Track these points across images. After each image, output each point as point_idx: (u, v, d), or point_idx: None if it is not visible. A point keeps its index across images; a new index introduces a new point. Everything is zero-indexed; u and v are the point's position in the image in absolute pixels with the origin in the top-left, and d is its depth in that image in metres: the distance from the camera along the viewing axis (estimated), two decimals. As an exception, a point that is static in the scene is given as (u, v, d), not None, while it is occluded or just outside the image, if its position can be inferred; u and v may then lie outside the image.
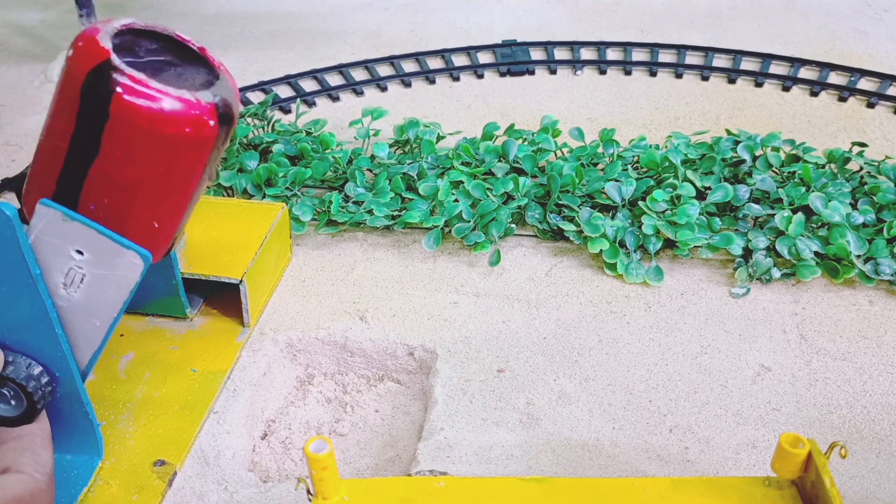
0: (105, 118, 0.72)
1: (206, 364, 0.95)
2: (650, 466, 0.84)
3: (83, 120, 0.73)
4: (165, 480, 0.81)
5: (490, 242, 1.12)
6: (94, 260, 0.76)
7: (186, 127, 0.73)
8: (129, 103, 0.71)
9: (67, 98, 0.74)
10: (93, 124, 0.73)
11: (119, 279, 0.77)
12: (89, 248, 0.75)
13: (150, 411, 0.89)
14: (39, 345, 0.76)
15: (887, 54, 1.67)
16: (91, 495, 0.79)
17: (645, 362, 0.96)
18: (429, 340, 0.99)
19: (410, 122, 1.34)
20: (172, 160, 0.76)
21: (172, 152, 0.75)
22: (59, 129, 0.76)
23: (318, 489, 0.66)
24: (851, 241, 1.08)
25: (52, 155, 0.77)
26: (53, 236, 0.75)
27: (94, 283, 0.77)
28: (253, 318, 1.00)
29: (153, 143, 0.73)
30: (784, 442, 0.67)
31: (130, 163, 0.75)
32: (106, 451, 0.83)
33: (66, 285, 0.77)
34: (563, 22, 1.85)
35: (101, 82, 0.71)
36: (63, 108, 0.75)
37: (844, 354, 0.97)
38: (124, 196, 0.77)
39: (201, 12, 1.97)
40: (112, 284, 0.77)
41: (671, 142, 1.30)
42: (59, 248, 0.75)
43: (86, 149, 0.75)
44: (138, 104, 0.71)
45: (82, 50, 0.73)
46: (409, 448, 0.91)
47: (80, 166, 0.76)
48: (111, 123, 0.73)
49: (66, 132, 0.75)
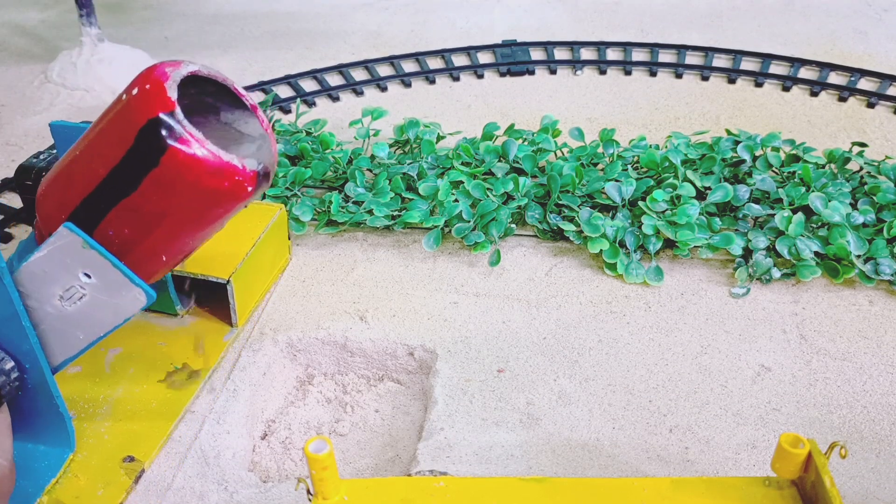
0: (154, 165, 0.73)
1: (190, 362, 0.95)
2: (650, 466, 0.84)
3: (131, 159, 0.74)
4: (132, 477, 0.82)
5: (490, 242, 1.12)
6: (100, 286, 0.77)
7: (228, 187, 0.75)
8: (182, 160, 0.73)
9: (120, 133, 0.75)
10: (140, 166, 0.74)
11: (118, 307, 0.79)
12: (99, 274, 0.77)
13: (129, 407, 0.90)
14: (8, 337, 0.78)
15: (887, 54, 1.67)
16: (59, 486, 0.81)
17: (645, 362, 0.96)
18: (429, 340, 1.00)
19: (410, 122, 1.34)
20: (204, 209, 0.78)
21: (207, 204, 0.77)
22: (101, 156, 0.76)
23: (318, 489, 0.66)
24: (851, 241, 1.08)
25: (85, 176, 0.77)
26: (68, 257, 0.76)
27: (91, 303, 0.79)
28: (241, 318, 1.01)
29: (193, 194, 0.75)
30: (784, 442, 0.67)
31: (164, 206, 0.76)
32: (79, 445, 0.84)
33: (63, 298, 0.78)
34: (563, 22, 1.85)
35: (161, 134, 0.72)
36: (111, 140, 0.75)
37: (844, 354, 0.97)
38: (146, 230, 0.78)
39: (201, 12, 1.98)
40: (109, 310, 0.79)
41: (671, 142, 1.30)
42: (69, 267, 0.77)
43: (124, 184, 0.76)
44: (191, 163, 0.73)
45: (148, 95, 0.73)
46: (409, 448, 0.91)
47: (112, 197, 0.77)
48: (159, 171, 0.74)
49: (109, 163, 0.76)
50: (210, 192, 0.75)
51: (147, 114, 0.72)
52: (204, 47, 1.79)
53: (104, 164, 0.76)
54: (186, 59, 0.77)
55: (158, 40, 1.83)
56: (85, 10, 1.62)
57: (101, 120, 0.78)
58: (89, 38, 1.64)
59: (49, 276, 0.77)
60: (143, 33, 1.86)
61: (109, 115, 0.77)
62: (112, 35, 1.77)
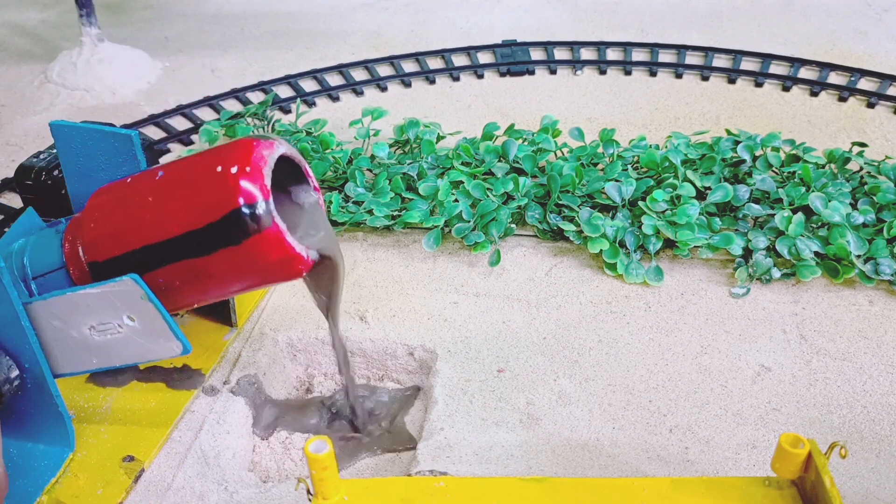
0: (234, 244, 0.76)
1: (190, 362, 0.95)
2: (650, 466, 0.84)
3: (212, 231, 0.76)
4: (132, 476, 0.82)
5: (490, 242, 1.12)
6: (141, 331, 0.79)
7: (290, 271, 0.79)
8: (263, 247, 0.76)
9: (208, 202, 0.76)
10: (219, 239, 0.76)
11: (149, 351, 0.80)
12: (144, 322, 0.78)
13: (129, 406, 0.90)
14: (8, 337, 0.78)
15: (887, 54, 1.67)
16: (58, 486, 0.81)
17: (645, 362, 0.96)
18: (429, 340, 1.00)
19: (410, 122, 1.34)
20: (260, 283, 0.82)
21: (265, 280, 0.81)
22: (178, 216, 0.77)
23: (318, 489, 0.66)
24: (851, 241, 1.08)
25: (156, 227, 0.78)
26: (120, 302, 0.77)
27: (123, 341, 0.80)
28: (241, 318, 1.01)
29: (258, 272, 0.79)
30: (784, 442, 0.67)
31: (226, 274, 0.79)
32: (79, 444, 0.84)
33: (94, 329, 0.79)
34: (563, 22, 1.85)
35: (251, 220, 0.75)
36: (195, 204, 0.76)
37: (844, 354, 0.97)
38: (198, 286, 0.80)
39: (201, 12, 1.98)
40: (138, 350, 0.80)
41: (671, 142, 1.30)
42: (117, 309, 0.78)
43: (196, 248, 0.77)
44: (269, 250, 0.76)
45: (247, 178, 0.75)
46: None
47: (178, 254, 0.78)
48: (237, 249, 0.76)
49: (186, 225, 0.77)
50: (274, 273, 0.79)
51: (244, 197, 0.74)
52: (204, 47, 1.79)
53: (180, 224, 0.77)
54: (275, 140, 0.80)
55: (158, 40, 1.83)
56: (85, 10, 1.62)
57: (185, 174, 0.78)
58: (89, 38, 1.64)
59: (90, 310, 0.78)
60: (143, 33, 1.86)
61: (196, 176, 0.77)
62: (112, 35, 1.77)
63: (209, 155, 0.78)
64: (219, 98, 1.55)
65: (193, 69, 1.70)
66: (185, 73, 1.68)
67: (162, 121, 1.49)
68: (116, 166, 0.89)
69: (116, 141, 0.88)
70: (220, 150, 0.78)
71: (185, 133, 1.46)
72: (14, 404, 0.81)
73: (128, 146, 0.88)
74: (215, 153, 0.78)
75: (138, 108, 1.55)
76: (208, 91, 1.59)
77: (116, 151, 0.88)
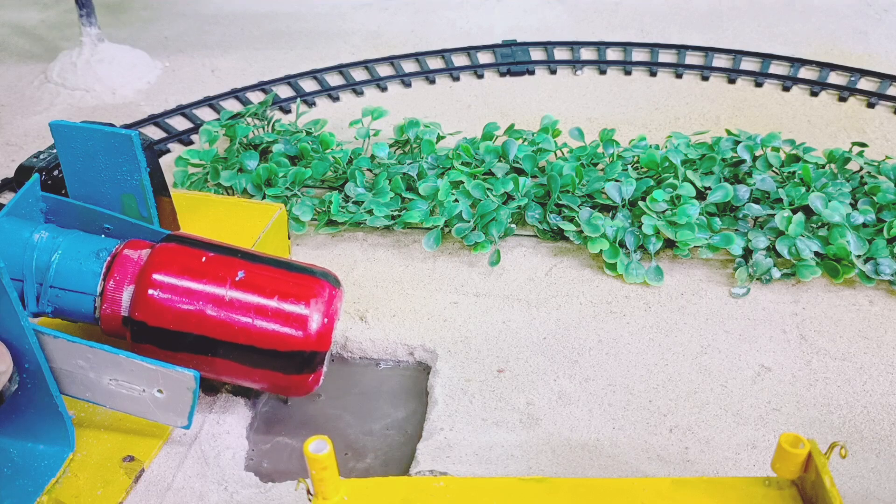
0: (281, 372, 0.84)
1: None
2: (650, 466, 0.84)
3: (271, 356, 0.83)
4: (132, 476, 0.82)
5: (490, 242, 1.12)
6: (161, 402, 0.82)
7: (302, 394, 0.87)
8: (304, 386, 0.85)
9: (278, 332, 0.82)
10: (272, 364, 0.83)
11: (152, 413, 0.83)
12: (171, 400, 0.81)
13: None
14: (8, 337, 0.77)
15: (887, 54, 1.67)
16: (58, 486, 0.81)
17: (645, 362, 0.96)
18: (429, 340, 0.99)
19: (410, 122, 1.34)
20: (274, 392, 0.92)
21: (283, 393, 0.91)
22: (246, 326, 0.82)
23: (318, 489, 0.66)
24: (851, 241, 1.08)
25: (221, 327, 0.82)
26: (165, 382, 0.80)
27: (135, 399, 0.82)
28: None
29: (286, 391, 0.89)
30: (784, 442, 0.67)
31: (258, 382, 0.86)
32: (79, 444, 0.84)
33: (115, 382, 0.80)
34: (563, 22, 1.85)
35: (309, 365, 0.84)
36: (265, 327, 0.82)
37: (844, 354, 0.97)
38: (227, 378, 0.86)
39: (201, 12, 1.98)
40: (142, 408, 0.82)
41: (671, 142, 1.30)
42: (154, 382, 0.80)
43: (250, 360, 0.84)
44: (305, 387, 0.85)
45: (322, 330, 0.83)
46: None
47: (232, 356, 0.83)
48: (281, 376, 0.84)
49: (250, 339, 0.82)
50: (294, 394, 0.88)
51: (314, 347, 0.82)
52: (204, 47, 1.79)
53: (244, 336, 0.82)
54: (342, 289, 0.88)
55: (158, 40, 1.83)
56: (85, 10, 1.62)
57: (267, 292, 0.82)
58: (89, 38, 1.64)
59: (129, 373, 0.80)
60: (143, 33, 1.86)
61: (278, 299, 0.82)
62: (112, 35, 1.77)
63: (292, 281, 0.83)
64: (219, 98, 1.55)
65: (193, 69, 1.70)
66: (185, 73, 1.68)
67: (162, 121, 1.49)
68: (116, 166, 0.89)
69: (116, 141, 0.88)
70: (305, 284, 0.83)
71: (185, 133, 1.46)
72: (14, 404, 0.81)
73: (128, 146, 0.88)
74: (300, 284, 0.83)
75: (138, 108, 1.55)
76: (208, 91, 1.59)
77: (116, 151, 0.88)
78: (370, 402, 0.95)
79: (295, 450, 0.90)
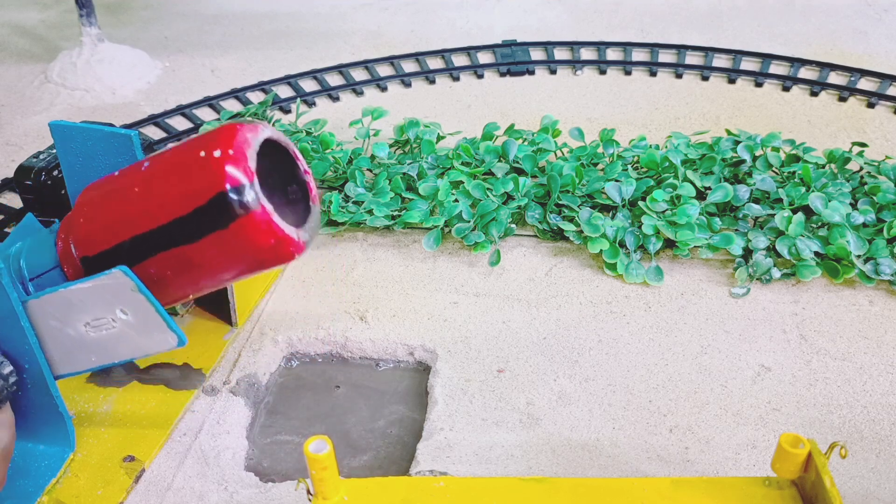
0: (222, 228, 0.75)
1: (190, 361, 0.95)
2: (650, 466, 0.84)
3: (198, 216, 0.75)
4: (132, 476, 0.82)
5: (490, 242, 1.12)
6: (134, 324, 0.78)
7: (281, 255, 0.78)
8: (250, 230, 0.75)
9: (192, 188, 0.75)
10: (206, 225, 0.75)
11: (144, 345, 0.79)
12: (137, 315, 0.77)
13: (129, 406, 0.90)
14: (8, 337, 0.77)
15: (887, 54, 1.67)
16: (59, 486, 0.81)
17: (645, 362, 0.96)
18: (429, 340, 1.00)
19: (410, 122, 1.34)
20: (251, 268, 0.80)
21: (256, 265, 0.80)
22: (164, 203, 0.76)
23: (318, 489, 0.66)
24: (851, 241, 1.08)
25: (143, 216, 0.77)
26: (111, 295, 0.77)
27: (117, 336, 0.79)
28: (241, 318, 1.01)
29: (247, 256, 0.78)
30: (784, 442, 0.67)
31: (215, 260, 0.78)
32: (79, 444, 0.85)
33: (89, 325, 0.79)
34: (563, 22, 1.85)
35: (237, 202, 0.74)
36: (180, 191, 0.76)
37: (844, 354, 0.97)
38: (188, 275, 0.79)
39: (201, 12, 1.98)
40: (134, 344, 0.80)
41: (671, 142, 1.30)
42: (109, 303, 0.77)
43: (183, 236, 0.76)
44: (257, 233, 0.75)
45: (231, 161, 0.74)
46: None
47: (166, 242, 0.77)
48: (224, 233, 0.75)
49: (172, 212, 0.76)
50: (264, 257, 0.78)
51: (228, 181, 0.74)
52: (204, 47, 1.79)
53: (166, 212, 0.76)
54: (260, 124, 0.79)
55: (158, 40, 1.83)
56: (85, 10, 1.62)
57: (169, 163, 0.77)
58: (89, 38, 1.64)
59: (83, 306, 0.77)
60: (143, 33, 1.86)
61: (181, 163, 0.76)
62: (112, 35, 1.77)
63: (193, 142, 0.78)
64: (219, 98, 1.55)
65: (193, 69, 1.70)
66: (185, 73, 1.68)
67: (162, 121, 1.49)
68: (116, 166, 0.89)
69: (116, 141, 0.88)
70: (204, 137, 0.77)
71: (185, 133, 1.46)
72: (14, 404, 0.81)
73: (128, 146, 0.88)
74: (199, 139, 0.77)
75: (138, 108, 1.55)
76: (208, 91, 1.59)
77: (116, 151, 0.88)
78: (370, 402, 0.95)
79: (295, 449, 0.90)
